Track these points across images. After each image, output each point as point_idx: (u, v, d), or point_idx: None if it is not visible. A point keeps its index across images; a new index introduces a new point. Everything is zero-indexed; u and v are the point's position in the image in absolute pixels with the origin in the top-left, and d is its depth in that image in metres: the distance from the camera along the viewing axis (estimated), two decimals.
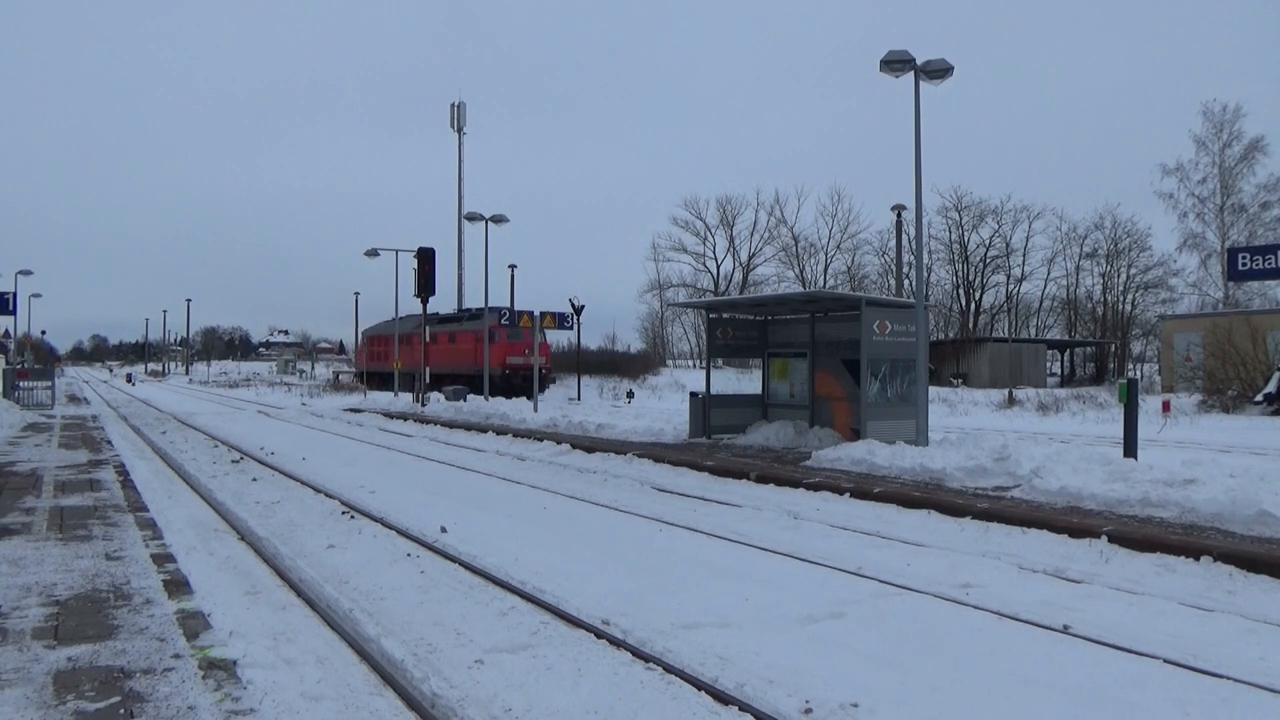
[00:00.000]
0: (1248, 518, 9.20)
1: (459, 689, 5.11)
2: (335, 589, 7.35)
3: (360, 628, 6.26)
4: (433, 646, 5.86)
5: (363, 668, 5.56)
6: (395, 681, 5.27)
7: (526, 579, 7.59)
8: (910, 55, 15.97)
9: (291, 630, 6.23)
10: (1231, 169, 46.00)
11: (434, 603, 6.97)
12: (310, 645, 5.92)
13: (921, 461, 13.27)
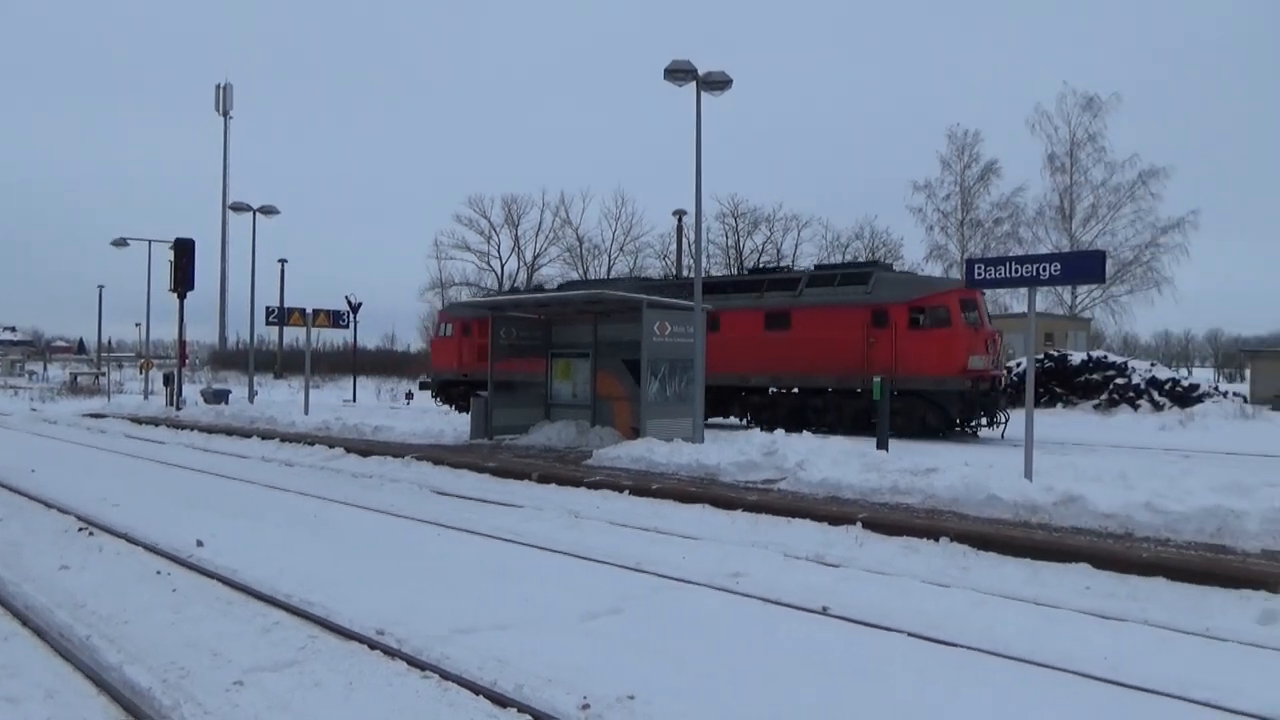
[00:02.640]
0: (979, 501, 10.24)
1: (215, 714, 4.74)
2: (69, 614, 6.61)
3: (99, 655, 5.66)
4: (185, 671, 5.40)
5: (102, 699, 5.03)
6: (141, 712, 4.80)
7: (293, 591, 7.16)
8: (692, 66, 16.52)
9: (15, 664, 5.54)
10: (971, 188, 51.18)
11: (187, 623, 6.42)
12: (38, 679, 5.28)
13: (697, 458, 13.78)
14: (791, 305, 24.00)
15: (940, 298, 22.17)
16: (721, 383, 24.09)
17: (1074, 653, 5.86)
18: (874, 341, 22.15)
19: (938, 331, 21.77)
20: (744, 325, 24.64)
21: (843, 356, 22.60)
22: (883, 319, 22.30)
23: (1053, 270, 11.18)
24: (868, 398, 21.01)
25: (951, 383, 21.35)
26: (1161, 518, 9.06)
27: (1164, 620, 6.69)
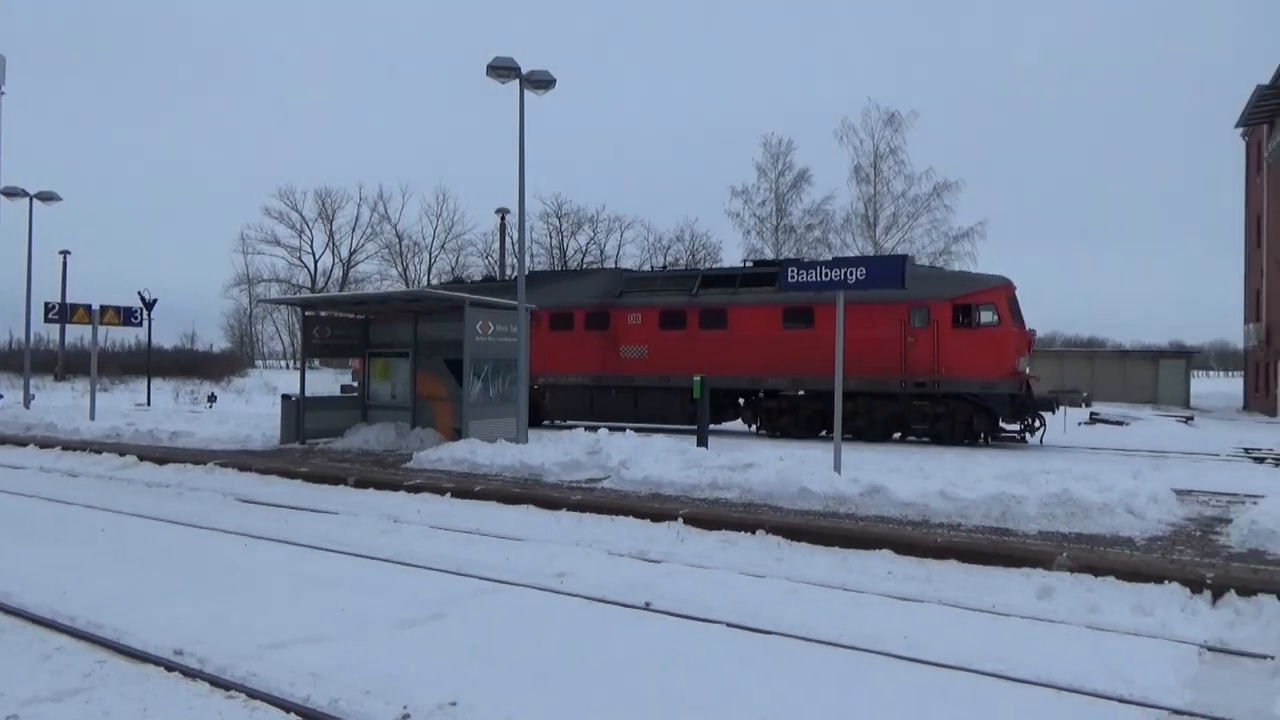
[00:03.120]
0: (793, 495, 10.71)
1: None
2: None
3: None
4: None
5: None
6: None
7: (78, 614, 6.55)
8: (515, 63, 16.38)
9: None
10: (785, 194, 53.49)
11: None
12: None
13: (521, 458, 13.68)
14: (814, 301, 21.20)
15: (989, 294, 20.58)
16: (729, 385, 22.41)
17: (878, 634, 6.23)
18: (913, 341, 20.40)
19: (987, 331, 20.15)
20: (757, 322, 22.26)
21: (875, 357, 20.59)
22: (923, 316, 20.47)
23: (858, 274, 11.83)
24: (903, 401, 20.47)
25: (1002, 385, 19.87)
26: (954, 504, 9.79)
27: (956, 599, 7.23)
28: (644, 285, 24.66)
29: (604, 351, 24.09)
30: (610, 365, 23.95)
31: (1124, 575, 7.55)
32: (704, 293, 23.09)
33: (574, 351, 24.38)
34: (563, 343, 24.62)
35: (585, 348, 24.37)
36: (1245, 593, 7.07)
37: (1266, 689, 5.38)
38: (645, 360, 23.47)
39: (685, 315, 23.19)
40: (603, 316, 24.27)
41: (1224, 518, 9.99)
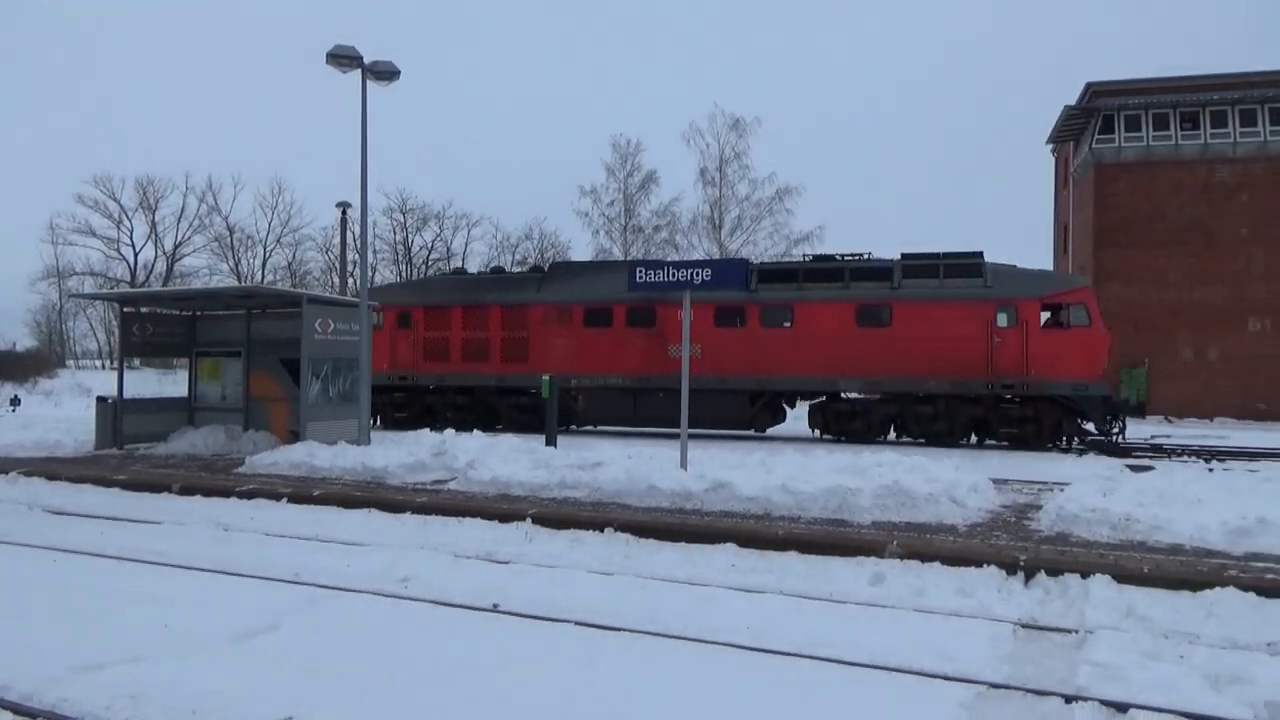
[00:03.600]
0: (641, 491, 10.83)
1: None
2: None
3: None
4: None
5: None
6: None
7: None
8: (358, 52, 15.82)
9: None
10: (633, 195, 54.07)
11: None
12: None
13: (363, 460, 13.23)
14: (891, 298, 20.08)
15: (1079, 293, 19.88)
16: (795, 386, 21.04)
17: (723, 625, 6.38)
18: (1000, 341, 19.32)
19: (1078, 331, 19.30)
20: (827, 320, 20.53)
21: (960, 358, 19.46)
22: (1010, 316, 19.42)
23: (704, 275, 12.10)
24: (987, 403, 19.59)
25: (1095, 387, 19.07)
26: (794, 498, 10.16)
27: (796, 589, 7.50)
28: None
29: (649, 350, 21.73)
30: (657, 365, 21.55)
31: (948, 560, 8.04)
32: (764, 288, 21.17)
33: (613, 350, 22.00)
34: (599, 340, 22.10)
35: (627, 346, 21.97)
36: (1053, 573, 7.66)
37: (1071, 660, 5.85)
38: (698, 360, 20.73)
39: (744, 312, 21.18)
40: (648, 313, 21.88)
41: (1035, 504, 10.80)
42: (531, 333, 22.63)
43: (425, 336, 23.58)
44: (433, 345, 23.58)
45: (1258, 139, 33.84)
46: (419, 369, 23.56)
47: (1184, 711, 4.89)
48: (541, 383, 17.77)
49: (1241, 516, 8.72)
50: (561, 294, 22.66)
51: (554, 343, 22.38)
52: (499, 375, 22.85)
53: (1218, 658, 5.74)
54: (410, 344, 23.70)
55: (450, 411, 23.09)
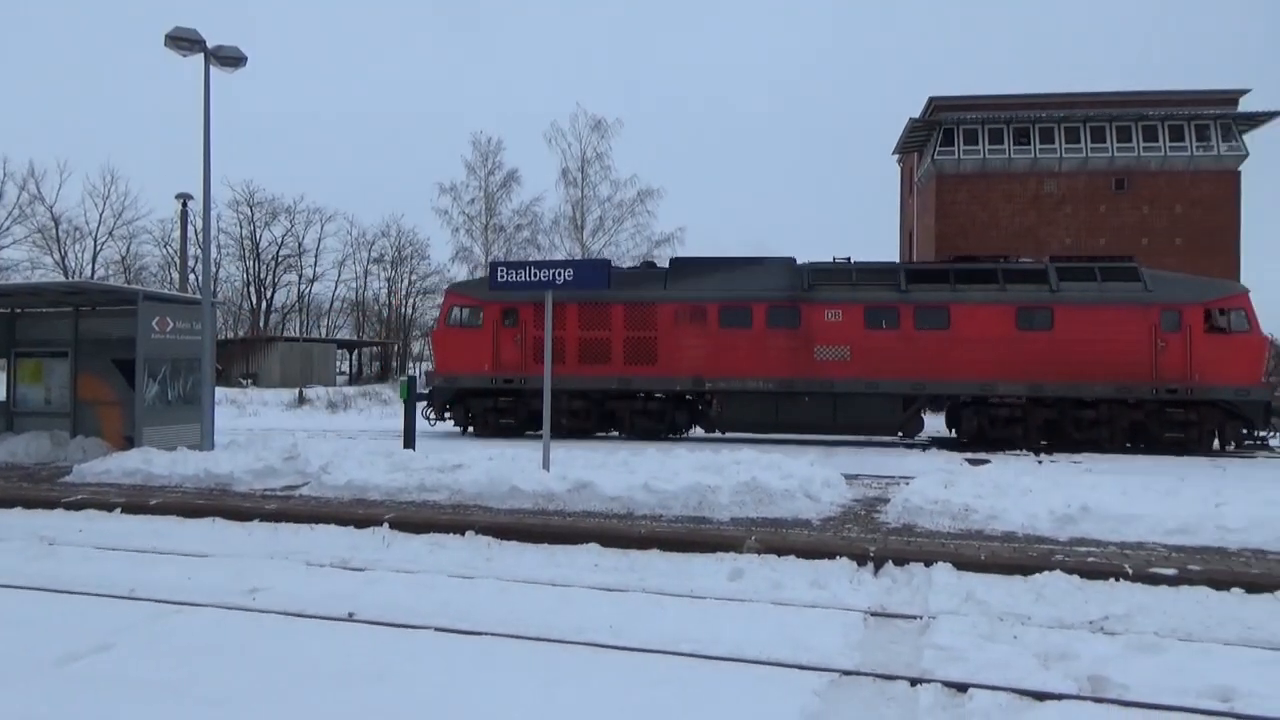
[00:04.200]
0: (503, 493, 10.70)
1: None
2: None
3: None
4: None
5: None
6: None
7: None
8: (200, 35, 14.99)
9: None
10: (494, 194, 53.46)
11: None
12: None
13: (206, 467, 12.54)
14: (1052, 301, 19.75)
15: (1239, 299, 19.79)
16: (951, 390, 20.18)
17: (586, 625, 6.38)
18: (1163, 345, 19.27)
19: (1240, 336, 19.40)
20: (987, 323, 19.94)
21: (1123, 362, 19.33)
22: (1173, 320, 19.38)
23: (566, 276, 12.08)
24: (1148, 408, 19.34)
25: (1256, 393, 19.15)
26: (656, 496, 10.27)
27: (658, 586, 7.58)
28: (838, 278, 21.03)
29: (793, 352, 20.63)
30: (802, 368, 20.55)
31: (803, 553, 8.31)
32: (916, 288, 20.49)
33: (753, 351, 20.83)
34: (737, 341, 20.88)
35: (768, 347, 20.76)
36: (900, 562, 8.05)
37: (916, 644, 6.15)
38: (847, 363, 20.38)
39: (897, 313, 20.38)
40: (791, 312, 20.73)
41: (884, 498, 11.32)
42: (660, 332, 21.09)
43: (536, 335, 21.22)
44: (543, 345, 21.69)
45: (1080, 155, 36.59)
46: (528, 371, 21.31)
47: (1017, 688, 5.21)
48: (400, 384, 17.31)
49: (1066, 504, 9.39)
50: (691, 291, 21.17)
51: (685, 343, 21.01)
52: (621, 378, 21.10)
53: (1047, 637, 6.16)
54: (516, 344, 21.57)
55: (565, 417, 21.09)
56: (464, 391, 21.69)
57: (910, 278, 20.70)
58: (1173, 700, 5.07)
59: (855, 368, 20.31)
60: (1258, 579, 7.40)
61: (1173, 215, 36.24)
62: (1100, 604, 6.97)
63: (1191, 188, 36.18)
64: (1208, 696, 5.15)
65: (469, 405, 21.76)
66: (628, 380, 21.02)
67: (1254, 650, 6.01)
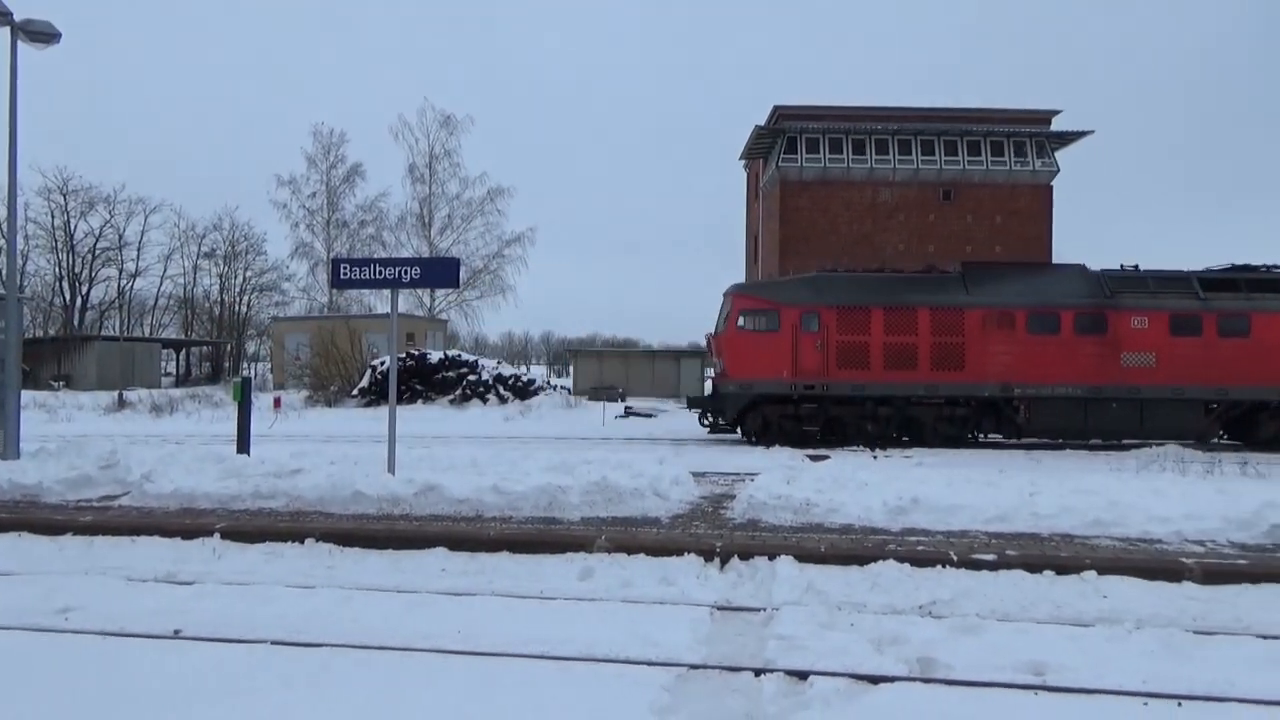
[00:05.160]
0: (345, 498, 10.32)
1: None
2: None
3: None
4: None
5: None
6: None
7: None
8: (5, 7, 13.73)
9: None
10: (336, 188, 51.54)
11: None
12: None
13: (10, 477, 11.49)
14: None
15: None
16: (1253, 396, 20.50)
17: (433, 631, 6.23)
18: None
19: None
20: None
21: None
22: None
23: (413, 274, 11.76)
24: None
25: None
26: (506, 498, 10.15)
27: (507, 589, 7.49)
28: (1138, 286, 21.17)
29: (1101, 359, 20.65)
30: (1109, 375, 20.58)
31: (652, 551, 8.41)
32: (1214, 297, 20.88)
33: (1061, 359, 20.70)
34: (1045, 347, 20.67)
35: (1077, 355, 20.66)
36: (745, 557, 8.27)
37: (760, 635, 6.33)
38: (1153, 370, 20.57)
39: (1200, 320, 20.70)
40: (1098, 319, 20.76)
41: (730, 494, 11.60)
42: (968, 338, 20.67)
43: (839, 340, 20.69)
44: (848, 350, 20.73)
45: (912, 166, 38.73)
46: (830, 377, 20.72)
47: (853, 673, 5.45)
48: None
49: (899, 497, 9.90)
50: (995, 296, 20.92)
51: (993, 349, 20.66)
52: (928, 384, 20.63)
53: (880, 623, 6.47)
54: (818, 348, 20.77)
55: (870, 424, 20.72)
56: (760, 398, 20.96)
57: (1205, 286, 21.23)
58: (992, 677, 5.43)
59: (1161, 374, 20.63)
60: (1066, 562, 8.02)
61: (993, 225, 38.88)
62: (929, 590, 7.38)
63: (1010, 199, 38.93)
64: (1023, 671, 5.54)
65: (764, 413, 21.08)
66: (934, 386, 20.69)
67: (1063, 627, 6.51)
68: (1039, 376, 20.59)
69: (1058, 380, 20.63)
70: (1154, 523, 9.30)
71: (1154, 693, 5.22)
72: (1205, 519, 9.33)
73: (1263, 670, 5.62)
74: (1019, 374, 20.60)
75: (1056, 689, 5.30)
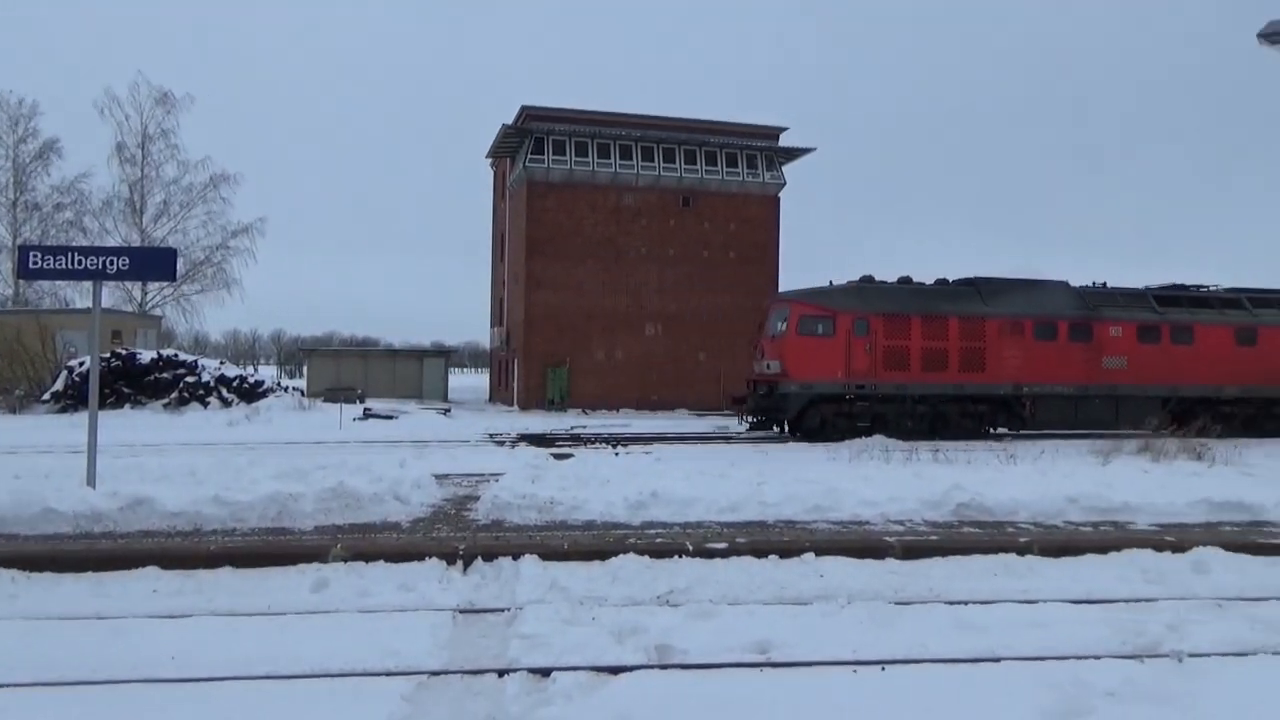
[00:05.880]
0: (33, 516, 9.09)
1: None
2: None
3: None
4: None
5: None
6: None
7: None
8: None
9: None
10: (27, 165, 45.39)
11: None
12: None
13: None
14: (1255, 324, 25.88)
15: None
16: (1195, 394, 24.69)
17: (142, 659, 5.63)
18: None
19: None
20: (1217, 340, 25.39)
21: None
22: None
23: (121, 265, 10.61)
24: None
25: None
26: (229, 509, 9.40)
27: (230, 607, 6.93)
28: (1111, 300, 25.38)
29: (1088, 361, 24.24)
30: (1094, 375, 24.37)
31: (392, 557, 8.12)
32: (1169, 311, 25.38)
33: (1058, 362, 24.06)
34: (1046, 352, 23.97)
35: (1070, 358, 24.19)
36: (489, 558, 8.19)
37: (504, 636, 6.30)
38: (1125, 371, 24.63)
39: (1159, 330, 25.06)
40: (1085, 328, 24.54)
41: (474, 495, 11.46)
42: (987, 344, 23.75)
43: (885, 345, 23.16)
44: (892, 354, 23.20)
45: (654, 172, 40.21)
46: (877, 378, 23.17)
47: (594, 665, 5.55)
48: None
49: (639, 492, 10.24)
50: (1007, 307, 24.20)
51: (1006, 353, 23.82)
52: (957, 384, 23.53)
53: (621, 615, 6.64)
54: (867, 352, 23.10)
55: (909, 420, 22.99)
56: (818, 397, 22.98)
57: (1160, 301, 25.72)
58: (723, 658, 5.74)
59: (1132, 375, 24.73)
60: (789, 546, 8.65)
61: (728, 232, 41.22)
62: (667, 579, 7.68)
63: (743, 208, 41.44)
64: (751, 651, 5.90)
65: (821, 411, 23.02)
66: (961, 386, 23.66)
67: (786, 606, 7.02)
68: (1042, 377, 24.15)
69: (1056, 380, 24.32)
70: (863, 506, 10.27)
71: (862, 660, 5.75)
72: (905, 501, 10.42)
73: (951, 633, 6.36)
74: (1026, 375, 24.09)
75: (779, 664, 5.69)
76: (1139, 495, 10.86)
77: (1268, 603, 7.39)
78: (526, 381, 39.21)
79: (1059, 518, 10.24)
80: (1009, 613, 6.93)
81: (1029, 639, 6.21)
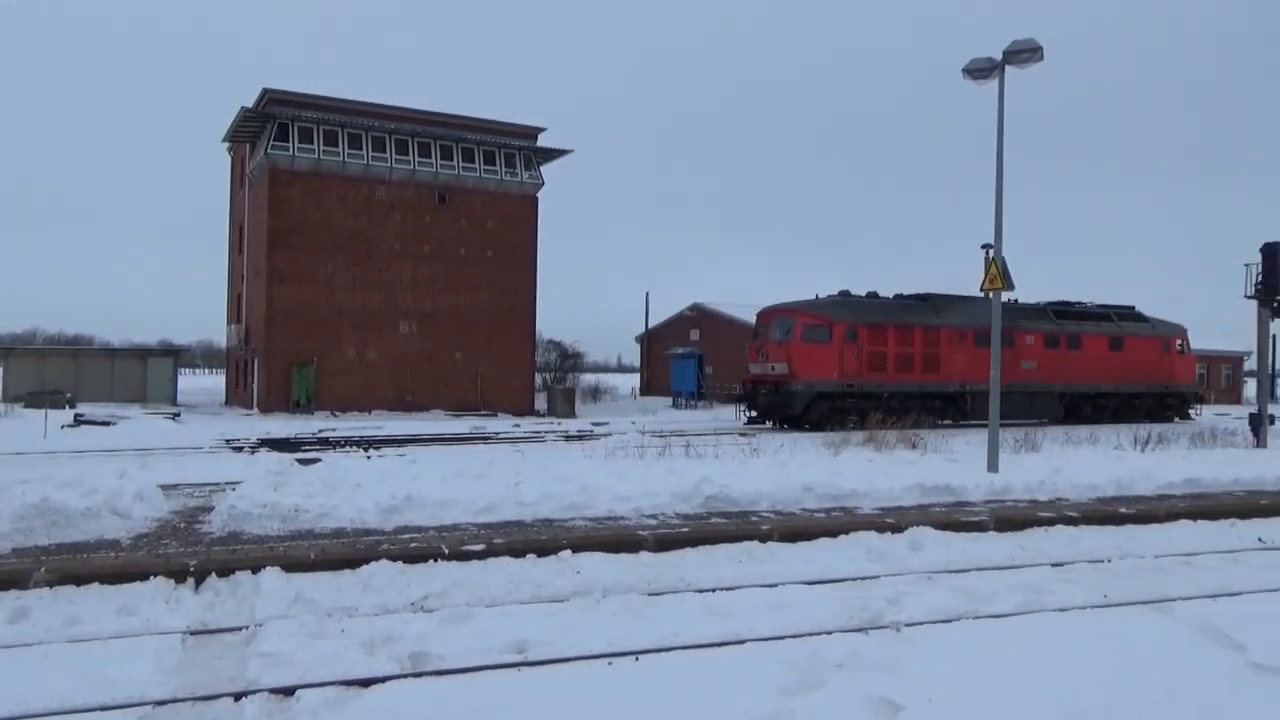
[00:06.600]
0: None
1: None
2: None
3: None
4: None
5: None
6: None
7: None
8: None
9: None
10: None
11: None
12: None
13: None
14: (1121, 334, 32.48)
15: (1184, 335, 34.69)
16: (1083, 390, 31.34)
17: None
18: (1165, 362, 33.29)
19: (1189, 357, 35.07)
20: (1096, 347, 31.93)
21: (1149, 371, 32.77)
22: (1167, 346, 33.62)
23: None
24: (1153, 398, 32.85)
25: (1192, 388, 34.90)
26: None
27: None
28: (1023, 313, 30.75)
29: (1008, 364, 26.22)
30: (1011, 375, 27.64)
31: (109, 579, 7.31)
32: (1064, 323, 31.36)
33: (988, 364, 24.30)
34: (982, 358, 25.93)
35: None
36: (224, 573, 7.58)
37: (241, 655, 5.85)
38: (1036, 371, 30.21)
39: (1058, 338, 31.00)
40: (1010, 337, 28.67)
41: (208, 506, 10.57)
42: (942, 350, 28.51)
43: (869, 350, 27.37)
44: (874, 358, 27.44)
45: (409, 167, 38.97)
46: (863, 378, 27.33)
47: (344, 679, 5.29)
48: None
49: (392, 496, 9.89)
50: (953, 319, 29.02)
51: (955, 358, 28.62)
52: (920, 383, 28.03)
53: (373, 624, 6.38)
54: (855, 356, 27.24)
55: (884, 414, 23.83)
56: (818, 395, 26.91)
57: (1057, 315, 31.58)
58: (480, 661, 5.66)
59: (1040, 375, 30.36)
60: (546, 544, 8.69)
61: (485, 230, 40.75)
62: (421, 585, 7.47)
63: (500, 207, 41.11)
64: (509, 651, 5.86)
65: (819, 407, 26.88)
66: (924, 385, 28.13)
67: (543, 605, 7.04)
68: (978, 377, 27.99)
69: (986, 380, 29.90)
70: (618, 502, 10.51)
71: (616, 652, 5.87)
72: (658, 495, 10.78)
73: (701, 619, 6.64)
74: (968, 376, 28.63)
75: (536, 663, 5.69)
76: (864, 482, 11.89)
77: (968, 574, 8.35)
78: (268, 382, 36.71)
79: (797, 505, 11.00)
80: (752, 597, 7.34)
81: (770, 620, 6.61)
